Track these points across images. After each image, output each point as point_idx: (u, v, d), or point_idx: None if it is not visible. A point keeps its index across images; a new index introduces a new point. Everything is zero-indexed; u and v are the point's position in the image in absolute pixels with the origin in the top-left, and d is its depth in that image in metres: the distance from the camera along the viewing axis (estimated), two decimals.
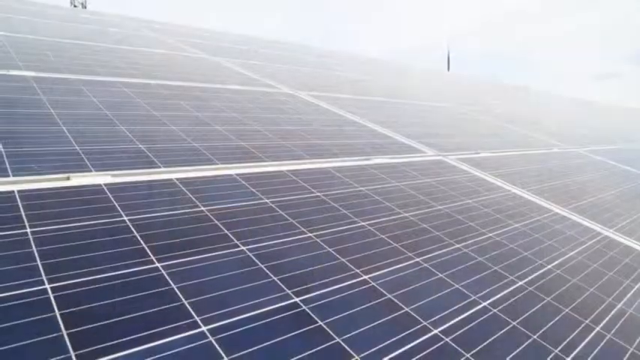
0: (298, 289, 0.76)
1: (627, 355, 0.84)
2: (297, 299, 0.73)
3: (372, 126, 2.07)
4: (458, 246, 1.06)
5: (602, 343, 0.85)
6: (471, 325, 0.78)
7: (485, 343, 0.75)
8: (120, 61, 2.36)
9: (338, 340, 0.66)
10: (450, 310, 0.81)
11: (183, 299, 0.67)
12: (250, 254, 0.83)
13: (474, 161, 1.90)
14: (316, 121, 1.94)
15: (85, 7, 14.10)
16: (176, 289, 0.69)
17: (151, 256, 0.76)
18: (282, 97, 2.32)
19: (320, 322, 0.69)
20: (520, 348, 0.76)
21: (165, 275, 0.72)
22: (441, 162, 1.75)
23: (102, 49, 2.62)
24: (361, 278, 0.83)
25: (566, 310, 0.93)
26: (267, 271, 0.79)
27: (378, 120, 2.24)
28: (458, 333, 0.75)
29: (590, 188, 2.00)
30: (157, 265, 0.74)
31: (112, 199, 0.92)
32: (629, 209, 1.84)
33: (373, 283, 0.83)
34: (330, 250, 0.91)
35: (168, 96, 1.83)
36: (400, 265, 0.91)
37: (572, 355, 0.79)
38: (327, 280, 0.80)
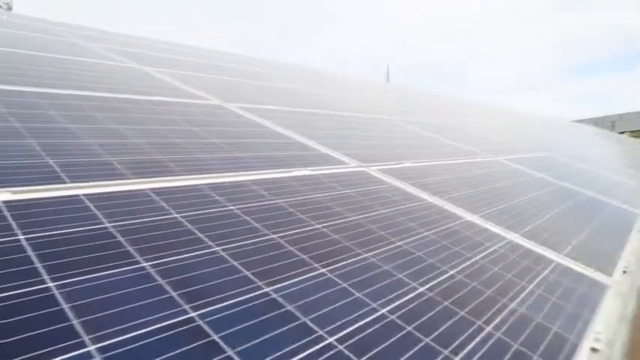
0: (197, 303, 0.77)
1: (512, 351, 0.90)
2: (193, 314, 0.74)
3: (299, 138, 2.11)
4: (366, 255, 1.11)
5: (490, 342, 0.91)
6: (367, 332, 0.82)
7: (377, 349, 0.78)
8: (36, 69, 2.28)
9: (230, 353, 0.68)
10: (348, 318, 0.84)
11: (73, 319, 0.67)
12: (151, 270, 0.83)
13: (396, 171, 1.97)
14: (242, 134, 1.96)
15: (11, 9, 13.42)
16: (67, 309, 0.69)
17: (44, 275, 0.74)
18: (209, 108, 2.31)
19: (214, 336, 0.70)
20: (411, 352, 0.80)
21: (57, 295, 0.71)
22: (363, 173, 1.80)
23: (19, 55, 2.52)
24: (262, 291, 0.85)
25: (462, 313, 0.98)
26: (167, 287, 0.79)
27: (305, 132, 2.28)
28: (352, 340, 0.79)
29: (503, 195, 2.11)
30: (50, 284, 0.73)
31: (10, 217, 0.90)
32: (536, 214, 1.97)
33: (274, 295, 0.85)
34: (235, 263, 0.92)
35: (87, 107, 1.78)
36: (305, 277, 0.94)
37: (460, 355, 0.84)
38: (227, 293, 0.82)
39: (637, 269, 1.96)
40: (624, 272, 1.71)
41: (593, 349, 1.08)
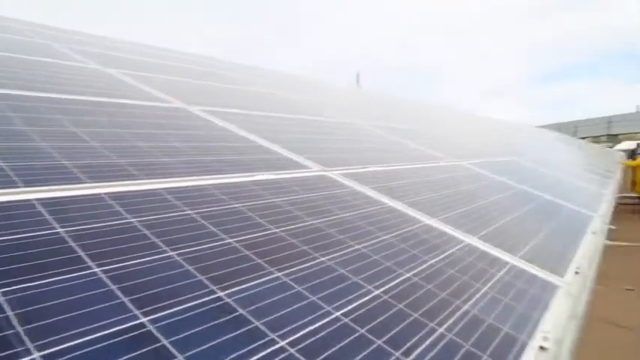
0: (148, 309, 0.77)
1: (462, 352, 0.93)
2: (144, 319, 0.74)
3: (263, 142, 2.11)
4: (323, 259, 1.12)
5: (442, 343, 0.93)
6: (320, 335, 0.83)
7: (329, 352, 0.79)
8: None
9: (179, 358, 0.68)
10: (300, 322, 0.85)
11: (18, 327, 0.66)
12: (103, 275, 0.82)
13: (359, 176, 1.99)
14: (204, 137, 1.95)
15: None
16: (11, 317, 0.67)
17: None
18: (172, 111, 2.29)
19: (164, 342, 0.70)
20: (362, 354, 0.82)
21: (3, 302, 0.70)
22: (326, 177, 1.82)
23: None
24: (215, 295, 0.85)
25: (416, 315, 1.01)
26: (118, 293, 0.79)
27: (270, 136, 2.28)
28: (304, 344, 0.79)
29: (463, 199, 2.16)
30: None
31: None
32: (494, 218, 2.02)
33: (228, 300, 0.85)
34: (190, 268, 0.92)
35: (45, 110, 1.75)
36: (259, 281, 0.94)
37: (411, 356, 0.86)
38: (179, 298, 0.82)
39: (589, 270, 2.03)
40: (576, 273, 1.77)
41: (542, 348, 1.12)
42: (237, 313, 0.82)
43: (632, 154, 12.18)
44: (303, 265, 1.06)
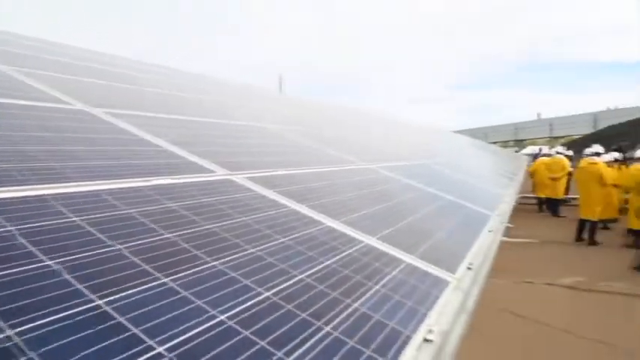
0: (18, 320, 0.74)
1: (346, 348, 0.97)
2: (11, 332, 0.71)
3: (167, 145, 2.07)
4: (214, 263, 1.12)
5: (326, 341, 0.96)
6: (202, 338, 0.84)
7: (209, 354, 0.80)
8: None
9: None
10: (183, 326, 0.85)
11: None
12: None
13: (265, 179, 2.01)
14: (103, 141, 1.88)
15: None
16: None
17: None
18: (72, 114, 2.19)
19: (31, 354, 0.68)
20: (243, 355, 0.83)
21: None
22: (229, 181, 1.82)
23: None
24: (94, 303, 0.83)
25: (304, 315, 1.03)
26: None
27: (175, 139, 2.24)
28: (184, 348, 0.79)
29: (368, 201, 2.24)
30: None
31: None
32: (397, 219, 2.11)
33: (106, 308, 0.83)
34: (69, 277, 0.89)
35: None
36: (143, 287, 0.93)
37: (294, 355, 0.88)
38: (53, 308, 0.79)
39: (482, 265, 2.17)
40: (469, 269, 1.89)
41: (426, 340, 1.19)
42: (115, 321, 0.80)
43: (534, 158, 13.13)
44: (192, 270, 1.05)
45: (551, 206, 8.28)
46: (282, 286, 1.12)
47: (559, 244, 5.53)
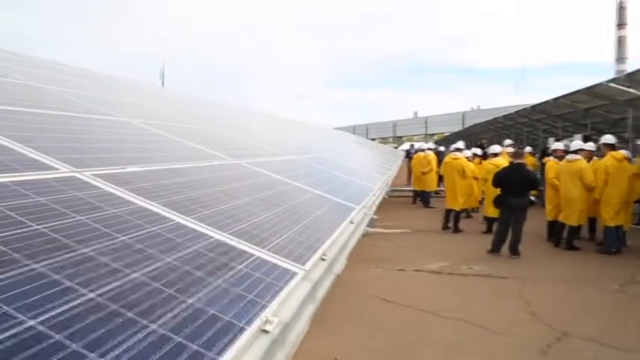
0: None
1: (172, 344, 0.97)
2: None
3: (4, 142, 1.89)
4: (35, 266, 1.05)
5: (150, 339, 0.96)
6: (3, 346, 0.79)
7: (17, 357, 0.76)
8: None
9: None
10: None
11: None
12: None
13: (116, 176, 1.92)
14: None
15: None
16: None
17: None
18: None
19: None
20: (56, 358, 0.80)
21: None
22: (72, 179, 1.71)
23: None
24: None
25: (129, 314, 1.01)
26: None
27: (17, 135, 2.05)
28: None
29: (228, 197, 2.24)
30: None
31: None
32: (255, 214, 2.13)
33: None
34: None
35: None
36: None
37: (109, 355, 0.86)
38: None
39: (339, 255, 2.28)
40: (322, 259, 1.98)
41: (264, 331, 1.22)
42: None
43: (407, 154, 13.97)
44: (4, 275, 0.98)
45: (423, 198, 8.87)
46: (110, 287, 1.09)
47: (429, 233, 5.94)
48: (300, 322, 1.50)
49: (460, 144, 7.25)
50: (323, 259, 1.97)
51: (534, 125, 11.14)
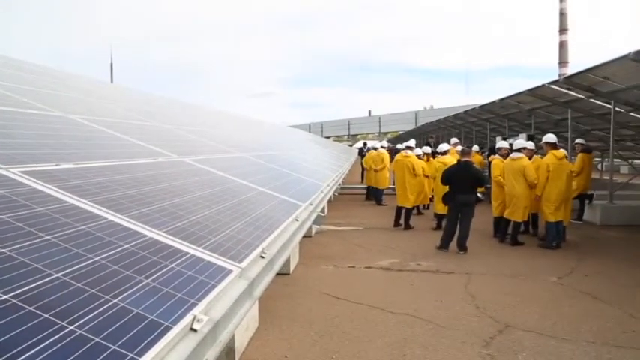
0: None
1: (89, 345, 0.93)
2: None
3: None
4: None
5: (67, 340, 0.93)
6: None
7: None
8: None
9: None
10: None
11: None
12: None
13: (47, 173, 1.84)
14: None
15: None
16: None
17: None
18: None
19: None
20: None
21: None
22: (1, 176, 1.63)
23: None
24: None
25: (46, 316, 0.98)
26: None
27: None
28: None
29: (168, 195, 2.19)
30: None
31: None
32: (195, 211, 2.10)
33: None
34: None
35: None
36: None
37: (22, 357, 0.82)
38: None
39: (280, 252, 2.27)
40: (262, 257, 1.96)
41: (192, 329, 1.20)
42: None
43: (360, 151, 14.12)
44: None
45: (375, 195, 8.97)
46: (27, 287, 1.04)
47: (380, 230, 6.02)
48: (233, 320, 1.48)
49: (411, 142, 7.37)
50: (262, 257, 1.96)
51: (483, 125, 11.47)
